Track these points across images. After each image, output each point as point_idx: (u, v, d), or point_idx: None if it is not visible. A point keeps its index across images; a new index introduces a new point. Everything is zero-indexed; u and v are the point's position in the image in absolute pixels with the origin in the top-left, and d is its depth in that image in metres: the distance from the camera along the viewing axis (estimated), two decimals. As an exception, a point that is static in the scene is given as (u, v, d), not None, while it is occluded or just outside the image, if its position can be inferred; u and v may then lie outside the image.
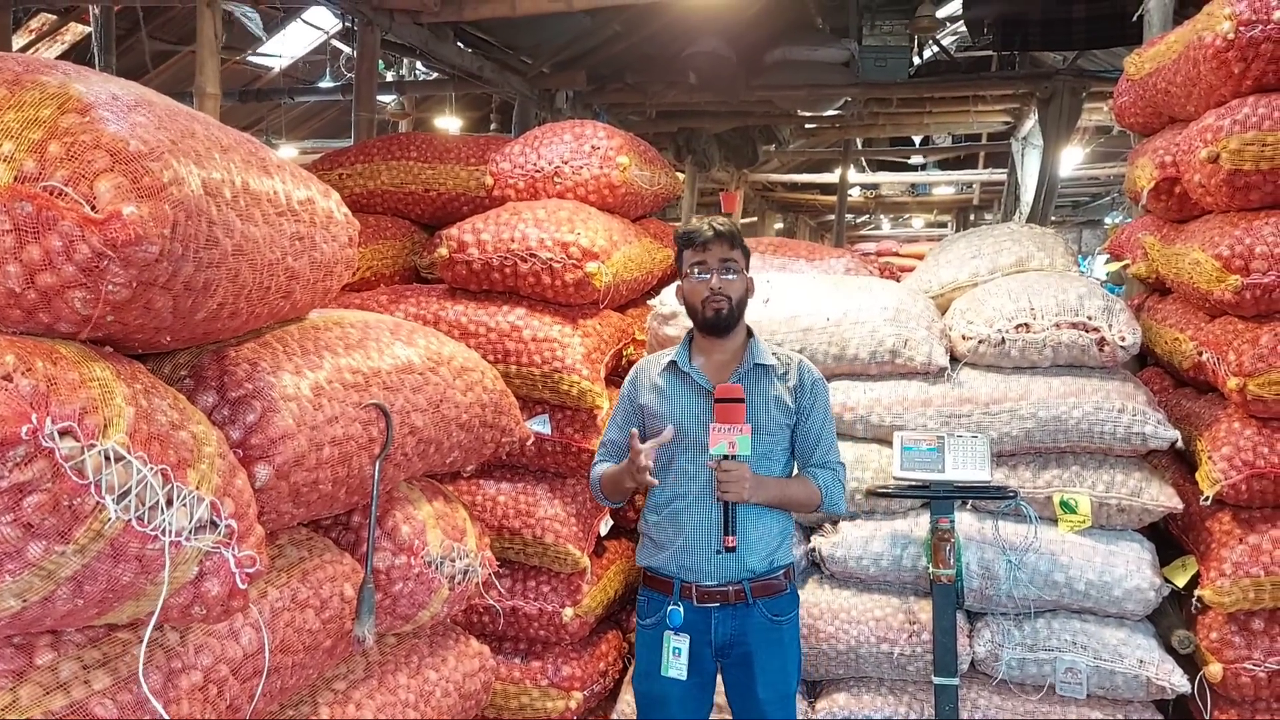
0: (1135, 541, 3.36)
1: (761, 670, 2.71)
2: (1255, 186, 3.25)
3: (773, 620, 2.73)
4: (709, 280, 2.71)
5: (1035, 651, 3.29)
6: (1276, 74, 3.23)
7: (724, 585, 2.70)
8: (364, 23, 6.23)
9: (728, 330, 2.77)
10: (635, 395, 2.87)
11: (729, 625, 2.71)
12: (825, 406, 2.84)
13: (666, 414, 2.76)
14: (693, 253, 2.75)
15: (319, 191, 2.19)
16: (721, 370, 2.78)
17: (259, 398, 1.92)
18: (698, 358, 2.82)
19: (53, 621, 1.53)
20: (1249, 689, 3.17)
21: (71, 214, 1.44)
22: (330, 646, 2.17)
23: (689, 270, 2.76)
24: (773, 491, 2.71)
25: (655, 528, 2.79)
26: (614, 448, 2.90)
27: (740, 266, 2.76)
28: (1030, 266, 3.80)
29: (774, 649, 2.73)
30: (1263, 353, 3.12)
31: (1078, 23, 7.95)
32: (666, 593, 2.74)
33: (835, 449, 2.86)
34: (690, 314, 2.81)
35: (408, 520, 2.46)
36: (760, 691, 2.71)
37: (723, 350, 2.80)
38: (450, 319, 3.73)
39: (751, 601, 2.71)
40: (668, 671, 2.68)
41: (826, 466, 2.82)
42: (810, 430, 2.81)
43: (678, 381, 2.79)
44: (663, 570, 2.76)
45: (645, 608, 2.82)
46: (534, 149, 4.20)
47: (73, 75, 1.60)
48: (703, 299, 2.73)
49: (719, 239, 2.72)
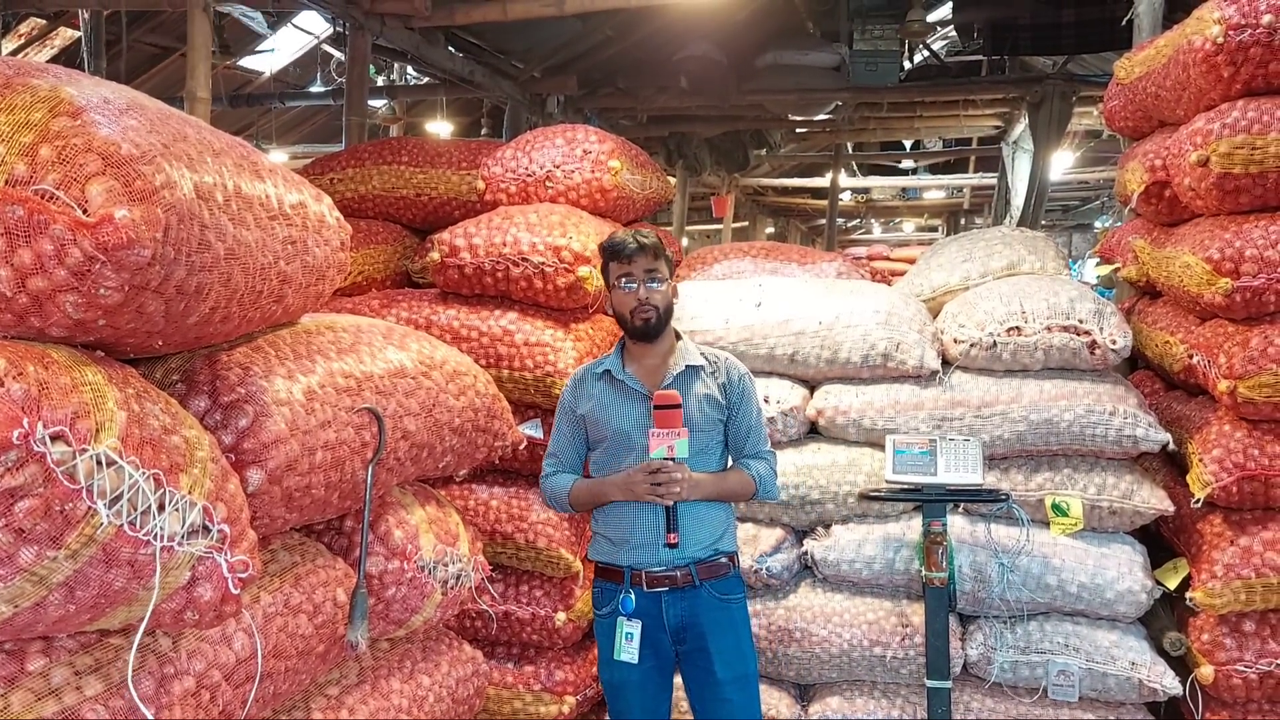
0: (1127, 544, 3.37)
1: (718, 650, 2.79)
2: (1245, 190, 3.27)
3: (721, 599, 2.82)
4: (636, 291, 2.81)
5: (1028, 654, 3.29)
6: (1265, 78, 3.25)
7: (671, 570, 2.79)
8: (355, 27, 6.22)
9: (656, 336, 2.87)
10: (575, 405, 2.95)
11: (679, 607, 2.80)
12: (752, 399, 2.95)
13: (607, 421, 2.86)
14: (618, 265, 2.84)
15: (311, 196, 2.18)
16: (654, 374, 2.88)
17: (251, 402, 1.91)
18: (630, 364, 2.91)
19: (45, 627, 1.52)
20: (1240, 691, 3.18)
21: (63, 217, 1.44)
22: (323, 651, 2.16)
23: (615, 282, 2.85)
24: (710, 488, 2.82)
25: (606, 526, 2.89)
26: (563, 458, 2.98)
27: (664, 276, 2.85)
28: (1021, 270, 3.81)
29: (726, 628, 2.82)
30: (1253, 355, 3.14)
31: (1067, 27, 7.97)
32: (618, 581, 2.84)
33: (765, 439, 2.97)
34: (620, 323, 2.90)
35: (400, 525, 2.46)
36: (719, 672, 2.79)
37: (653, 354, 2.90)
38: (442, 323, 3.73)
39: (699, 583, 2.80)
40: (620, 655, 2.79)
41: (759, 456, 2.93)
42: (741, 424, 2.91)
43: (613, 389, 2.88)
44: (614, 563, 2.86)
45: (600, 598, 2.91)
46: (525, 153, 4.19)
47: (64, 79, 1.60)
48: (631, 309, 2.83)
49: (643, 251, 2.81)
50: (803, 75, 8.71)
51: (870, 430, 3.49)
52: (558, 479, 2.95)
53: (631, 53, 8.56)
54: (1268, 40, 3.16)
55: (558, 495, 2.94)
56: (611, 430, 2.85)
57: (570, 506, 2.94)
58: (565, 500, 2.92)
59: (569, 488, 2.91)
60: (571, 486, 2.91)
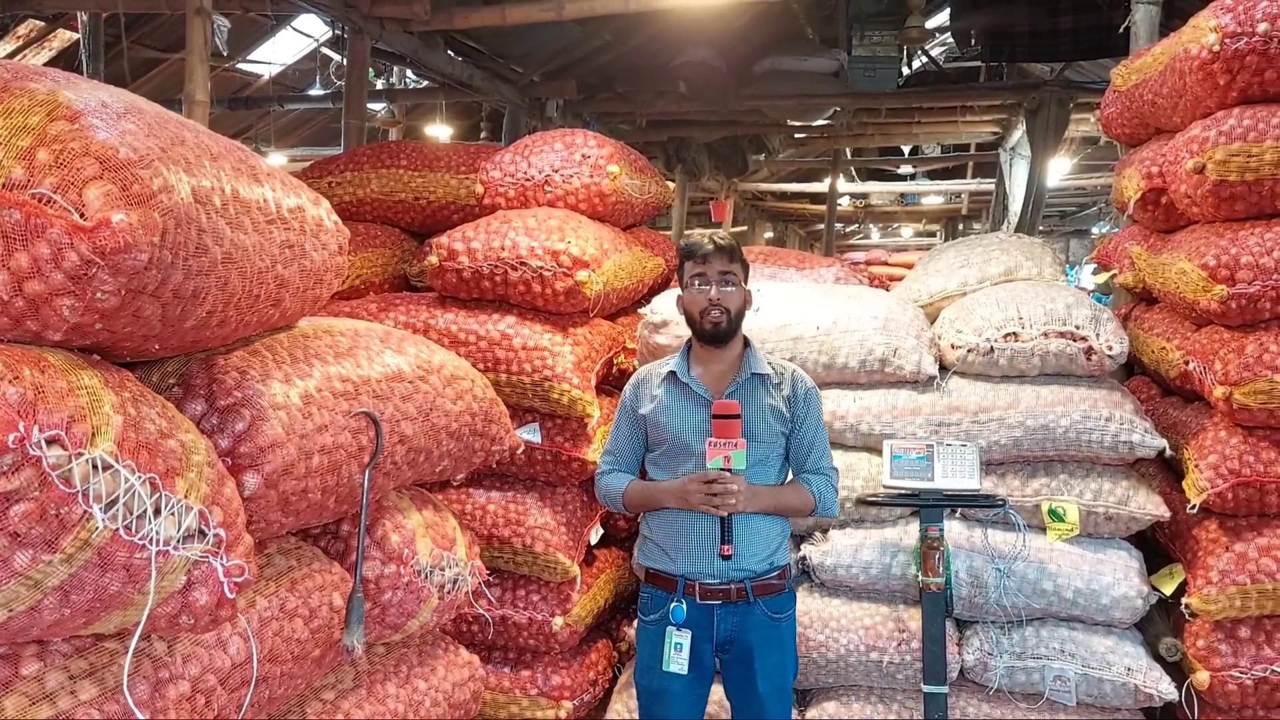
0: (1123, 549, 3.38)
1: (762, 665, 2.77)
2: (1241, 197, 3.27)
3: (772, 618, 2.79)
4: (708, 291, 2.78)
5: (1024, 659, 3.29)
6: (1261, 86, 3.26)
7: (726, 585, 2.76)
8: (354, 31, 6.23)
9: (725, 341, 2.82)
10: (637, 405, 2.91)
11: (730, 622, 2.77)
12: (818, 414, 2.90)
13: (667, 424, 2.82)
14: (693, 265, 2.81)
15: (309, 199, 2.18)
16: (719, 380, 2.83)
17: (248, 406, 1.91)
18: (696, 367, 2.87)
19: (39, 631, 1.52)
20: (1236, 696, 3.18)
21: (60, 221, 1.44)
22: (319, 656, 2.16)
23: (689, 281, 2.82)
24: (766, 501, 2.77)
25: (658, 532, 2.84)
26: (621, 457, 2.95)
27: (739, 279, 2.82)
28: (1019, 276, 3.82)
29: (773, 645, 2.80)
30: (1248, 362, 3.14)
31: (1065, 34, 7.99)
32: (670, 590, 2.79)
33: (828, 455, 2.91)
34: (689, 324, 2.87)
35: (397, 529, 2.46)
36: (760, 685, 2.77)
37: (721, 360, 2.85)
38: (440, 327, 3.73)
39: (752, 600, 2.77)
40: (669, 666, 2.74)
41: (819, 472, 2.87)
42: (804, 438, 2.86)
43: (677, 392, 2.84)
44: (666, 570, 2.82)
45: (648, 604, 2.87)
46: (524, 157, 4.20)
47: (62, 82, 1.60)
48: (701, 310, 2.79)
49: (719, 252, 2.78)
50: (801, 81, 8.73)
51: (867, 435, 3.49)
52: (613, 478, 2.92)
53: (630, 57, 8.58)
54: (1264, 48, 3.17)
55: (612, 495, 2.92)
56: (671, 435, 2.81)
57: (624, 507, 2.92)
58: (619, 501, 2.90)
59: (624, 489, 2.88)
60: (627, 487, 2.88)
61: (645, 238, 4.69)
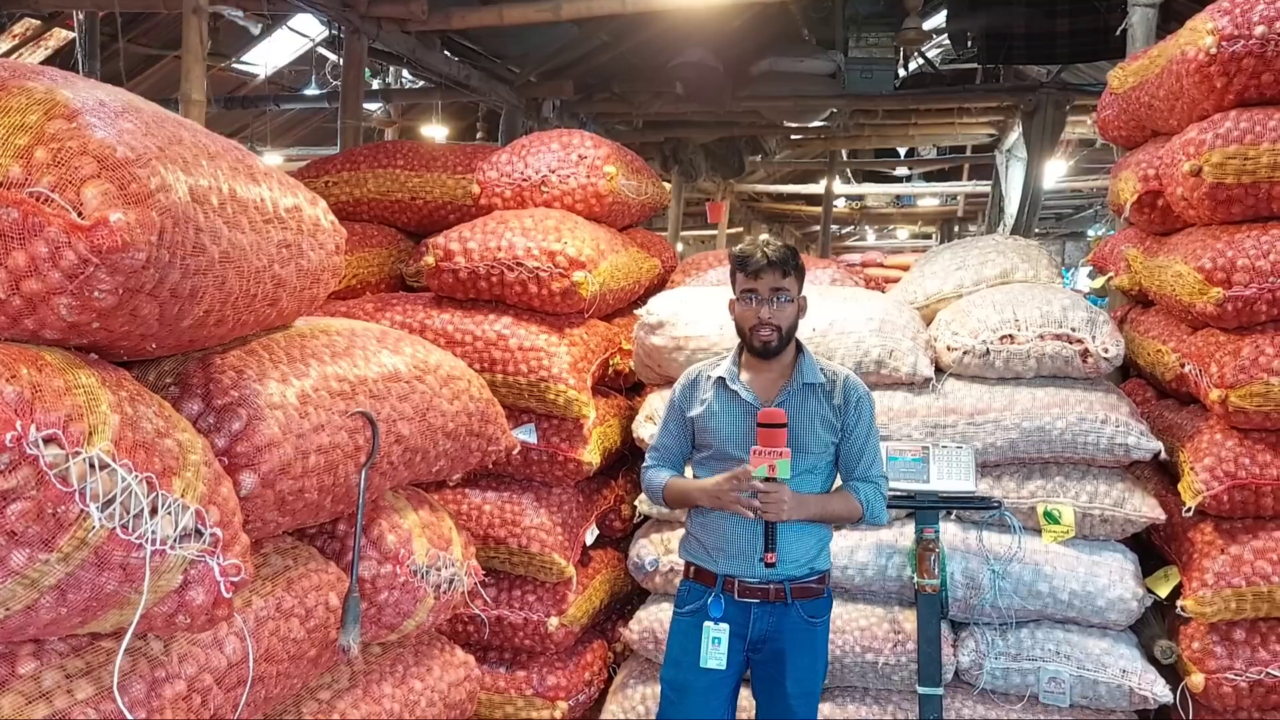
0: (1118, 552, 3.38)
1: (793, 667, 2.75)
2: (1237, 200, 3.28)
3: (809, 621, 2.77)
4: (759, 310, 2.70)
5: (1019, 661, 3.30)
6: (1258, 88, 3.26)
7: (765, 584, 2.75)
8: (351, 30, 6.22)
9: (775, 357, 2.77)
10: (686, 407, 2.88)
11: (766, 622, 2.75)
12: (869, 422, 2.83)
13: (715, 429, 2.79)
14: (745, 278, 2.72)
15: (306, 199, 2.18)
16: (769, 387, 2.78)
17: (245, 405, 1.91)
18: (745, 372, 2.82)
19: (36, 630, 1.52)
20: (1230, 699, 3.18)
21: (58, 220, 1.44)
22: (315, 656, 2.15)
23: (741, 294, 2.75)
24: (812, 509, 2.72)
25: (702, 530, 2.83)
26: (667, 454, 2.93)
27: (793, 294, 2.74)
28: (1014, 278, 3.82)
29: (806, 648, 2.78)
30: (1244, 365, 3.15)
31: (1061, 36, 8.01)
32: (710, 585, 2.78)
33: (879, 462, 2.86)
34: (739, 334, 2.82)
35: (393, 529, 2.46)
36: (790, 687, 2.75)
37: (772, 367, 2.79)
38: (436, 327, 3.72)
39: (790, 602, 2.75)
40: (706, 662, 2.72)
41: (869, 480, 2.81)
42: (854, 446, 2.81)
43: (726, 397, 2.80)
44: (709, 568, 2.80)
45: (685, 596, 2.85)
46: (521, 158, 4.20)
47: (60, 81, 1.60)
48: (751, 326, 2.73)
49: (771, 267, 2.68)
50: (798, 82, 8.73)
51: (863, 437, 3.49)
52: (656, 473, 2.91)
53: (627, 58, 8.57)
54: (1260, 51, 3.18)
55: (653, 489, 2.91)
56: (718, 440, 2.76)
57: (665, 503, 2.91)
58: (660, 496, 2.88)
59: (665, 483, 2.87)
60: (668, 483, 2.87)
61: (642, 239, 4.69)
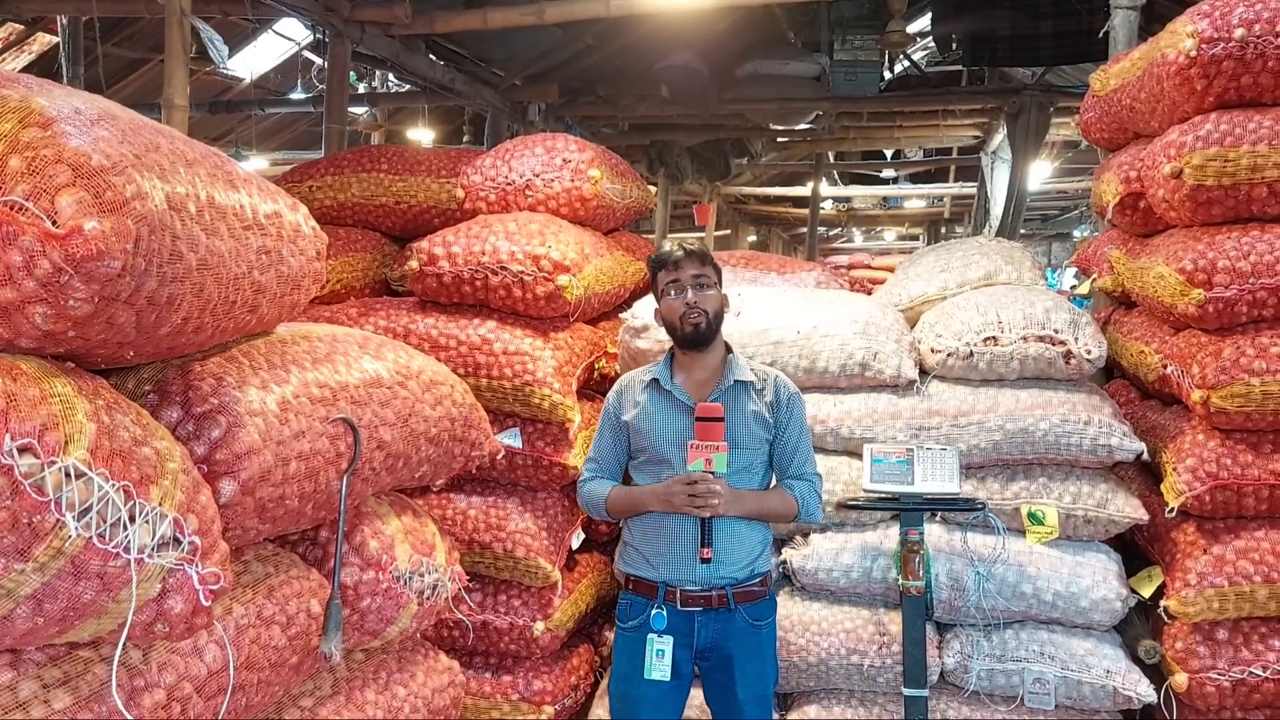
0: (1102, 552, 3.39)
1: (742, 672, 2.77)
2: (1218, 201, 3.30)
3: (753, 625, 2.80)
4: (685, 296, 2.80)
5: (1004, 662, 3.30)
6: (1238, 91, 3.28)
7: (707, 591, 2.76)
8: (335, 34, 6.21)
9: (707, 344, 2.84)
10: (620, 412, 2.92)
11: (711, 629, 2.77)
12: (801, 420, 2.91)
13: (650, 431, 2.83)
14: (666, 273, 2.84)
15: (286, 205, 2.17)
16: (702, 387, 2.84)
17: (224, 413, 1.90)
18: (678, 375, 2.88)
19: (12, 640, 1.51)
20: (1214, 699, 3.20)
21: (32, 229, 1.43)
22: (297, 663, 2.15)
23: (664, 290, 2.85)
24: (749, 505, 2.78)
25: (640, 538, 2.84)
26: (604, 464, 2.95)
27: (713, 282, 2.84)
28: (998, 280, 3.83)
29: (753, 652, 2.80)
30: (1225, 365, 3.16)
31: (1045, 39, 8.06)
32: (650, 596, 2.79)
33: (811, 461, 2.92)
34: (670, 332, 2.88)
35: (376, 535, 2.45)
36: (740, 692, 2.77)
37: (703, 367, 2.87)
38: (420, 332, 3.71)
39: (734, 607, 2.77)
40: (651, 674, 2.73)
41: (803, 478, 2.88)
42: (787, 444, 2.87)
43: (660, 399, 2.85)
44: (647, 577, 2.81)
45: (627, 610, 2.86)
46: (505, 162, 4.19)
47: (35, 89, 1.59)
48: (680, 315, 2.81)
49: (690, 257, 2.82)
50: (783, 85, 8.75)
51: (848, 439, 3.50)
52: (595, 485, 2.92)
53: (612, 61, 8.58)
54: (1240, 53, 3.20)
55: (594, 501, 2.91)
56: (653, 441, 2.82)
57: (607, 513, 2.91)
58: (602, 507, 2.89)
59: (606, 494, 2.88)
60: (609, 493, 2.88)
61: (627, 242, 4.69)
